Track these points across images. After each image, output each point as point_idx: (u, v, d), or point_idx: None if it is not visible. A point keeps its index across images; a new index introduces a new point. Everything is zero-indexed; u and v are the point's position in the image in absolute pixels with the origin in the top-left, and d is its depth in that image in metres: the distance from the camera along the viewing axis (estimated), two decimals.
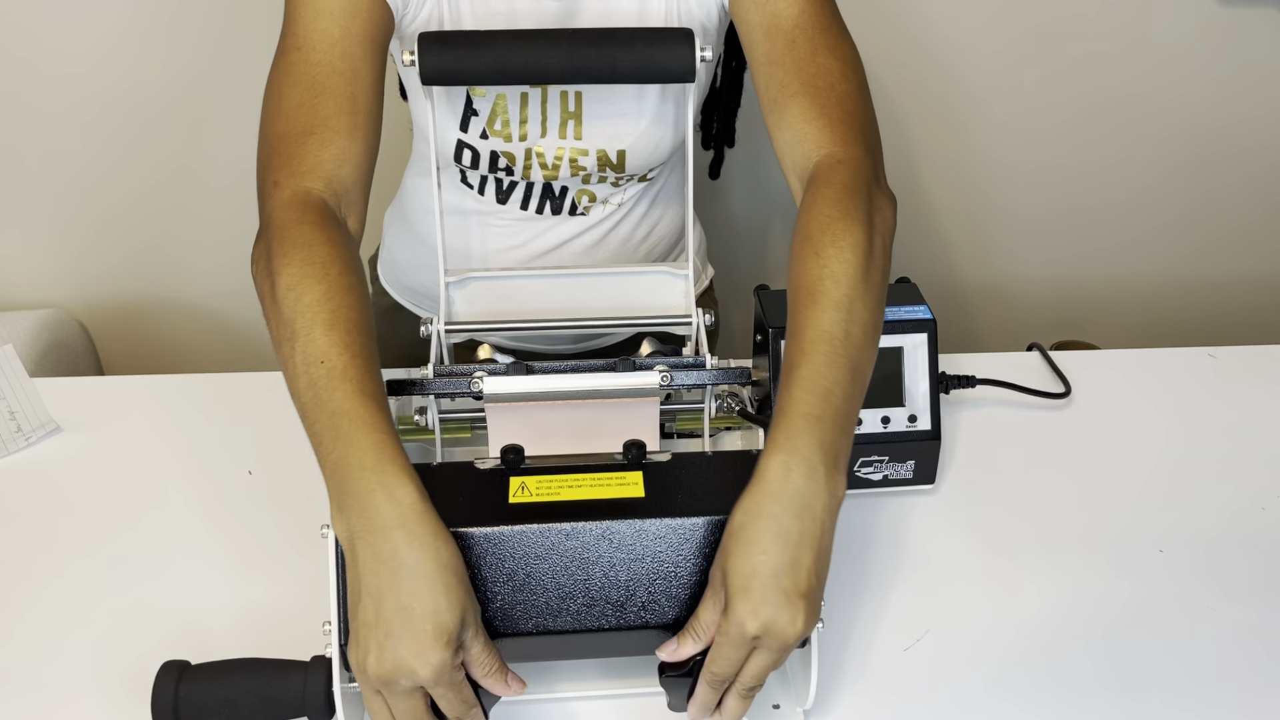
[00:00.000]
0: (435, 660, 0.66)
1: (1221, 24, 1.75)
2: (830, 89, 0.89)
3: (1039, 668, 0.85)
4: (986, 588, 0.92)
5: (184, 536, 0.97)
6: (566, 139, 1.06)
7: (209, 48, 1.69)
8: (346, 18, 0.89)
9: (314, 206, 0.82)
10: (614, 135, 1.06)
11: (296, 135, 0.85)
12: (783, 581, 0.69)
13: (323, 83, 0.87)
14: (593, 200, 1.14)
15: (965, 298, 2.01)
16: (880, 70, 1.76)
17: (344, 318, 0.75)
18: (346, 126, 0.86)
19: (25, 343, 1.69)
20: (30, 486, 1.03)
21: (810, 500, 0.71)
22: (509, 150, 1.06)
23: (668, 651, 0.73)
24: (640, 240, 1.20)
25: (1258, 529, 0.98)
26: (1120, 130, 1.84)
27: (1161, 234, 1.96)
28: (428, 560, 0.67)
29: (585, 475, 0.79)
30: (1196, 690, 0.83)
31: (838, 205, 0.82)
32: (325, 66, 0.87)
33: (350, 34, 0.89)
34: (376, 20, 0.91)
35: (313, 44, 0.88)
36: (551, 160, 1.07)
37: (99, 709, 0.82)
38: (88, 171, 1.78)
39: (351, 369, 0.72)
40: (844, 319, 0.77)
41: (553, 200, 1.14)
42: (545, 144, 1.06)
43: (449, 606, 0.67)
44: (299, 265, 0.77)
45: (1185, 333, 2.04)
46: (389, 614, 0.66)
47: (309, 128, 0.85)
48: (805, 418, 0.72)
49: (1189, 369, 1.19)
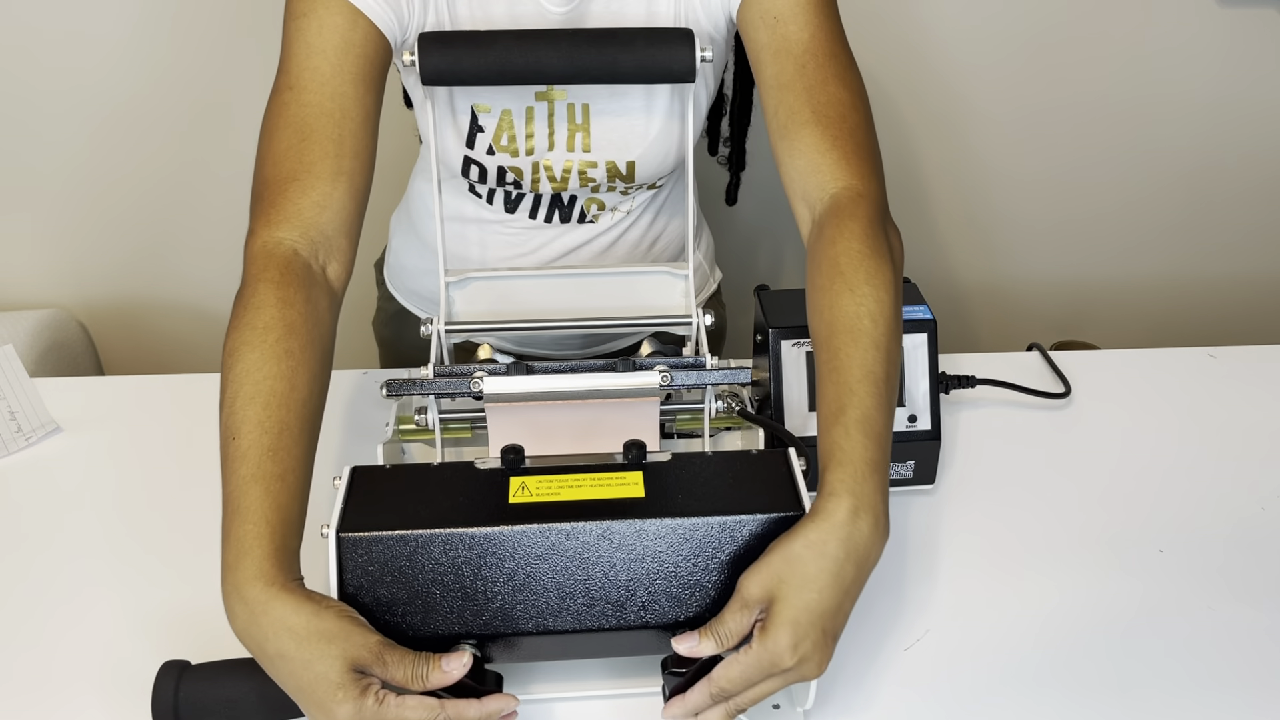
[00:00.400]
0: (346, 713, 0.69)
1: (1221, 24, 1.75)
2: (843, 120, 0.90)
3: (1039, 667, 0.85)
4: (986, 588, 0.92)
5: (184, 536, 0.97)
6: (575, 151, 1.05)
7: (210, 51, 1.69)
8: (340, 56, 0.89)
9: (278, 261, 0.83)
10: (622, 146, 1.05)
11: (280, 182, 0.86)
12: (826, 623, 0.72)
13: (311, 126, 0.87)
14: (601, 208, 1.14)
15: (965, 298, 2.01)
16: (882, 74, 1.76)
17: (265, 389, 0.77)
18: (330, 171, 0.87)
19: (25, 343, 1.69)
20: (30, 486, 1.03)
21: (869, 551, 0.74)
22: (516, 165, 1.06)
23: (686, 646, 0.73)
24: (648, 246, 1.20)
25: (1258, 529, 0.98)
26: (1120, 131, 1.84)
27: (1161, 235, 1.96)
28: (286, 640, 0.70)
29: (585, 475, 0.79)
30: (1197, 690, 0.83)
31: (867, 242, 0.84)
32: (315, 108, 0.88)
33: (343, 73, 0.89)
34: (371, 56, 0.91)
35: (304, 84, 0.88)
36: (560, 173, 1.07)
37: (99, 709, 0.82)
38: (88, 172, 1.78)
39: (254, 450, 0.75)
40: (884, 360, 0.79)
41: (561, 209, 1.13)
42: (553, 157, 1.05)
43: (326, 666, 0.69)
44: (241, 330, 0.80)
45: (1185, 333, 2.04)
46: (299, 697, 0.71)
47: (293, 174, 0.86)
48: (870, 464, 0.75)
49: (1189, 369, 1.19)
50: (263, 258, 0.84)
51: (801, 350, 0.97)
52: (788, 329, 0.97)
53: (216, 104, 1.73)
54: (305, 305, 0.82)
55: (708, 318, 0.98)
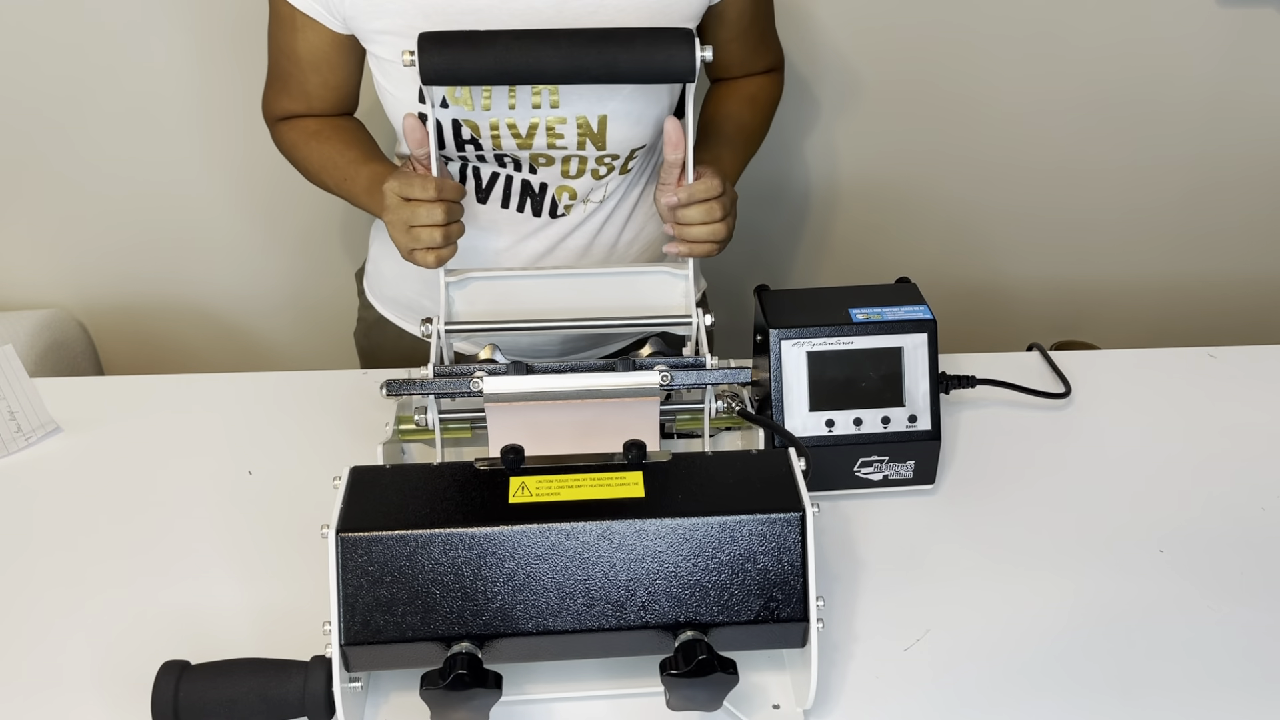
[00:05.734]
0: (390, 186, 0.99)
1: (1221, 24, 1.75)
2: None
3: (1039, 668, 0.85)
4: (986, 587, 0.92)
5: (184, 537, 0.97)
6: (541, 108, 1.06)
7: (210, 51, 1.69)
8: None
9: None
10: (594, 100, 1.06)
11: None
12: (733, 195, 1.06)
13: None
14: (574, 198, 1.15)
15: (965, 298, 2.01)
16: (880, 70, 1.76)
17: (326, 138, 1.18)
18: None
19: (25, 343, 1.69)
20: (30, 486, 1.03)
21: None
22: (471, 119, 1.06)
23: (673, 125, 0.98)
24: (628, 244, 1.21)
25: (1258, 529, 0.98)
26: (1120, 130, 1.84)
27: (1161, 234, 1.96)
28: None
29: (585, 475, 0.79)
30: (1196, 690, 0.83)
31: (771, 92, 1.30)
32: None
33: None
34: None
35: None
36: (526, 129, 1.07)
37: (99, 709, 0.82)
38: (88, 172, 1.78)
39: (336, 155, 1.16)
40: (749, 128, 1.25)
41: (533, 198, 1.14)
42: (517, 115, 1.06)
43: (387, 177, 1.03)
44: (291, 143, 1.22)
45: (1185, 333, 2.04)
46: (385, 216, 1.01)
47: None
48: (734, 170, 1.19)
49: (1189, 369, 1.19)
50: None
51: (802, 350, 0.97)
52: (788, 329, 0.97)
53: (217, 104, 1.73)
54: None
55: (708, 318, 0.98)
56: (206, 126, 1.75)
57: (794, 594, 0.76)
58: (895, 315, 0.98)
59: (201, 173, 1.79)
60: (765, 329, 0.98)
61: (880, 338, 0.98)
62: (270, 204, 1.82)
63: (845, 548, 0.96)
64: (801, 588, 0.76)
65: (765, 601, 0.76)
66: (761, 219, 1.88)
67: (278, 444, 1.08)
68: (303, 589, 0.91)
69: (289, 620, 0.88)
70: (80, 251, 1.85)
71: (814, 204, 1.88)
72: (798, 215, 1.89)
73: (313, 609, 0.86)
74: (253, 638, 0.87)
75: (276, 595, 0.91)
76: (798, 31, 1.72)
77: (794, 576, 0.76)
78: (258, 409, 1.13)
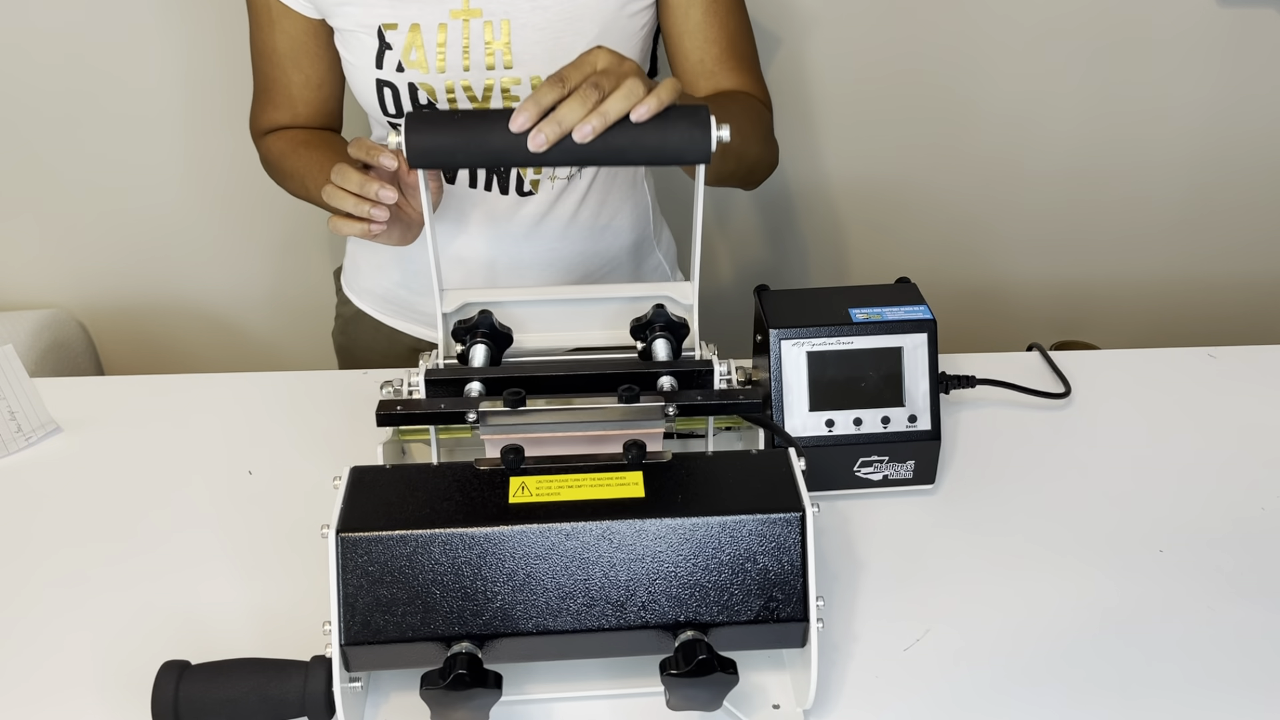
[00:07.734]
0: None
1: (1221, 24, 1.75)
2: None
3: (1039, 668, 0.85)
4: (986, 587, 0.92)
5: (184, 537, 0.97)
6: (495, 69, 1.08)
7: (210, 51, 1.69)
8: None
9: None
10: (548, 61, 1.08)
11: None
12: None
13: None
14: (538, 173, 1.17)
15: (965, 298, 2.01)
16: (881, 71, 1.77)
17: (302, 148, 1.19)
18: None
19: (25, 343, 1.69)
20: (30, 486, 1.03)
21: None
22: (427, 83, 1.08)
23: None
24: (607, 222, 1.23)
25: (1258, 529, 0.98)
26: (1120, 130, 1.84)
27: (1161, 234, 1.96)
28: None
29: (585, 475, 0.79)
30: (1197, 690, 0.83)
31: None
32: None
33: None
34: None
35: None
36: (481, 92, 1.09)
37: (99, 709, 0.82)
38: (88, 172, 1.78)
39: (303, 161, 1.17)
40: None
41: (498, 174, 1.16)
42: (472, 77, 1.08)
43: None
44: (276, 155, 1.24)
45: (1185, 333, 2.04)
46: None
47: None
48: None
49: (1189, 369, 1.19)
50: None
51: (801, 350, 0.97)
52: (788, 329, 0.97)
53: (217, 105, 1.73)
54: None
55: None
56: (207, 126, 1.75)
57: (794, 594, 0.76)
58: (895, 315, 0.98)
59: (202, 173, 1.79)
60: (765, 329, 0.98)
61: (880, 338, 0.98)
62: (270, 205, 1.82)
63: (845, 548, 0.96)
64: (801, 587, 0.76)
65: (765, 601, 0.76)
66: (761, 219, 1.89)
67: (278, 444, 1.08)
68: (303, 589, 0.91)
69: (289, 620, 0.88)
70: (81, 252, 1.85)
71: (814, 204, 1.88)
72: (798, 215, 1.89)
73: (313, 609, 0.86)
74: (253, 638, 0.87)
75: (276, 595, 0.91)
76: (798, 31, 1.73)
77: (794, 576, 0.76)
78: (258, 409, 1.13)
